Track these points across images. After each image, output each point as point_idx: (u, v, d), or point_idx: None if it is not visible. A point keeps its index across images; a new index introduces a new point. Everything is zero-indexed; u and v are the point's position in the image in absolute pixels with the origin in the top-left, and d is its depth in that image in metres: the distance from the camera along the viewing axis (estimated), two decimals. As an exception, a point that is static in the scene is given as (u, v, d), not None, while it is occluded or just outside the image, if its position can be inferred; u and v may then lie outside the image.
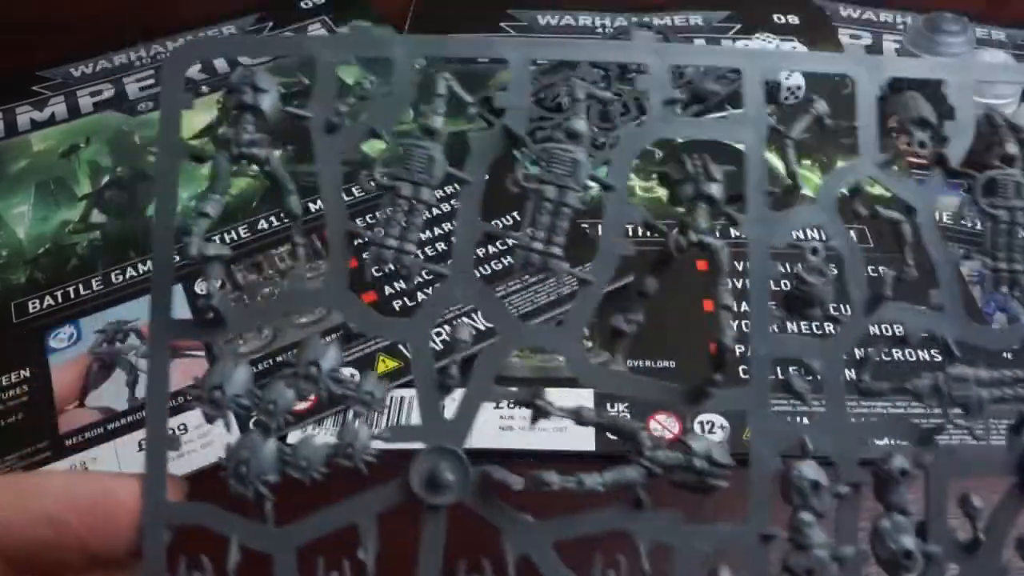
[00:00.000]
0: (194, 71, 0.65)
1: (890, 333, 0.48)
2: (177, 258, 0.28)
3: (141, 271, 0.51)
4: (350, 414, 0.29)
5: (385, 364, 0.47)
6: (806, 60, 0.32)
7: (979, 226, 0.54)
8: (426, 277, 0.49)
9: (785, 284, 0.32)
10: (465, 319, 0.48)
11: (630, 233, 0.32)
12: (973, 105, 0.32)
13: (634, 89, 0.59)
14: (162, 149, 0.29)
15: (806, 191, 0.52)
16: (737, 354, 0.43)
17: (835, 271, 0.31)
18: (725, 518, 0.30)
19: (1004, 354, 0.42)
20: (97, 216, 0.54)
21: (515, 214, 0.53)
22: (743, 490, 0.30)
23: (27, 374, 0.44)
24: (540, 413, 0.30)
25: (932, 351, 0.50)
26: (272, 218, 0.53)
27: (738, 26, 0.72)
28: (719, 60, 0.30)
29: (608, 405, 0.47)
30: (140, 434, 0.41)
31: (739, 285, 0.49)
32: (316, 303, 0.30)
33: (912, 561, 0.29)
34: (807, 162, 0.59)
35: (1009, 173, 0.32)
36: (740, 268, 0.35)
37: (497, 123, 0.30)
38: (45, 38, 0.66)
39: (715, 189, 0.30)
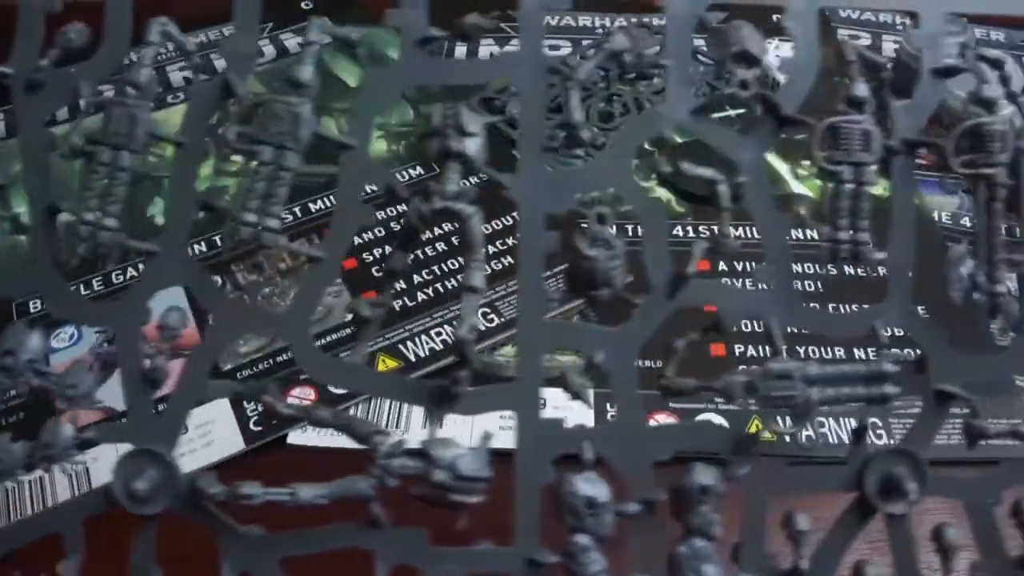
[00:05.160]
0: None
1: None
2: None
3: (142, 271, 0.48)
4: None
5: (385, 364, 0.43)
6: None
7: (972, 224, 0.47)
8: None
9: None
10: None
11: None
12: (816, 39, 0.25)
13: (634, 89, 0.53)
14: None
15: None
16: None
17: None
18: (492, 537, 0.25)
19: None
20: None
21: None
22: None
23: (27, 374, 0.46)
24: (270, 411, 0.26)
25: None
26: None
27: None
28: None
29: (608, 405, 0.37)
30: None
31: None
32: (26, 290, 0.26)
33: (710, 596, 0.24)
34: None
35: (854, 120, 0.25)
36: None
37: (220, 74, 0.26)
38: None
39: (470, 145, 0.25)
